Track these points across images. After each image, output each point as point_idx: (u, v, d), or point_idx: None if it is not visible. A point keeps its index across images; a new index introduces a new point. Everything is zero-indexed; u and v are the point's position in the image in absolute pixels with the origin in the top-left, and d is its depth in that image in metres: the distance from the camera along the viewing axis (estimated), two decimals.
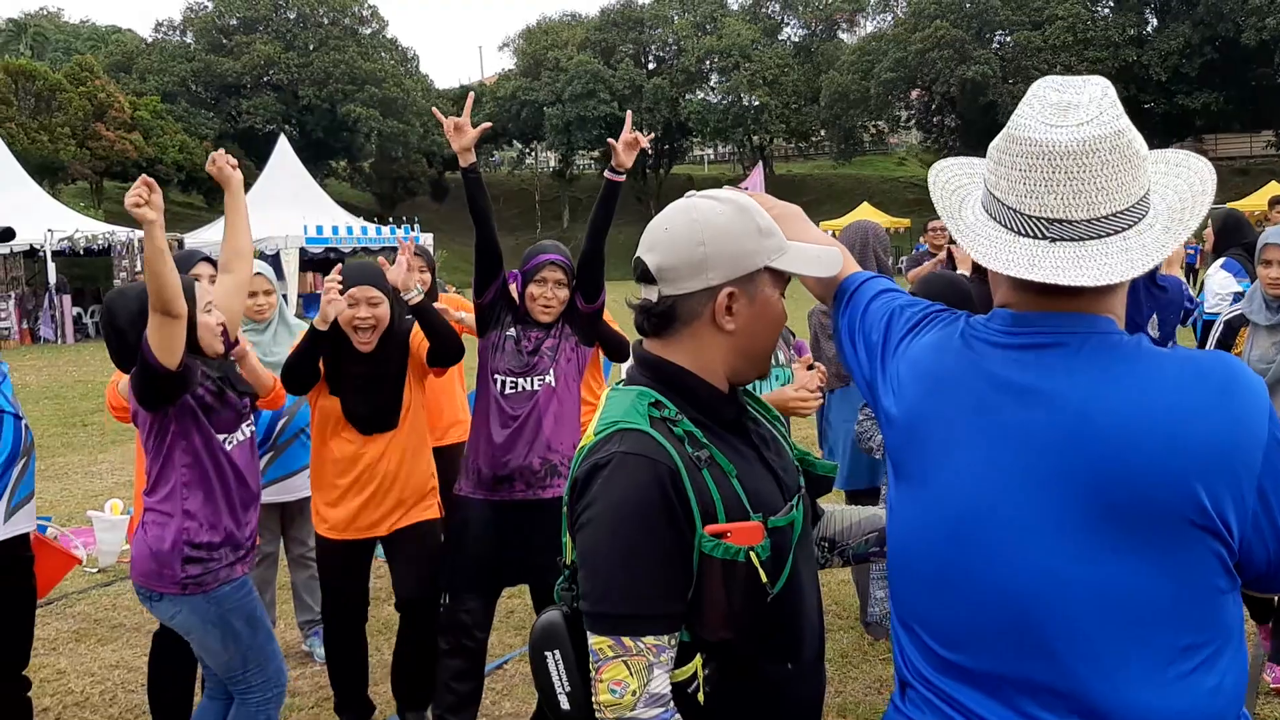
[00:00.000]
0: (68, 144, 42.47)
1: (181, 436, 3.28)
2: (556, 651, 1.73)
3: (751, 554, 1.63)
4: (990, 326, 1.58)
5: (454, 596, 3.92)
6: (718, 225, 1.72)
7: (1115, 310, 1.53)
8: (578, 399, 4.03)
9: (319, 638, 4.89)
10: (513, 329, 3.96)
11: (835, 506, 2.11)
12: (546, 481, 3.88)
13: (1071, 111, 1.47)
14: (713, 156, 70.77)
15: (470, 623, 3.88)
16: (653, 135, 4.46)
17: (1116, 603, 1.40)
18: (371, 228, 30.76)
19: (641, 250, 1.78)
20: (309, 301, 30.58)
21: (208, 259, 4.24)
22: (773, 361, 3.31)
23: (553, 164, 62.41)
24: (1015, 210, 1.50)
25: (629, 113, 4.45)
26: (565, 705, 1.72)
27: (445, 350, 3.94)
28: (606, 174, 3.85)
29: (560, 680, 1.72)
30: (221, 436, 3.34)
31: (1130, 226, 1.47)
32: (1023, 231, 1.49)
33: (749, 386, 1.94)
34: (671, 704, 1.64)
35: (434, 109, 4.84)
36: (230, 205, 3.70)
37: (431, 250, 21.71)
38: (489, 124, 4.31)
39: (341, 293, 3.82)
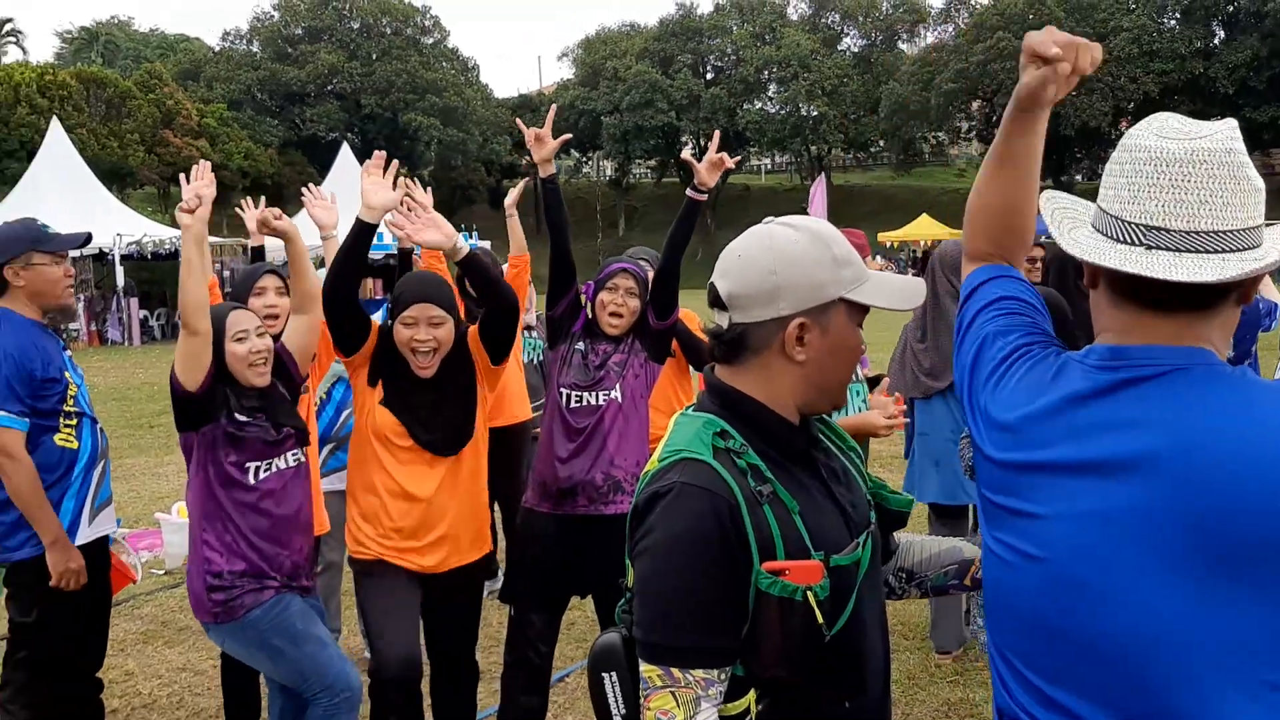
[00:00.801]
0: (136, 150, 43.44)
1: (203, 465, 3.29)
2: (614, 674, 1.73)
3: (809, 593, 1.61)
4: (1087, 363, 1.55)
5: (519, 610, 3.92)
6: (791, 254, 1.70)
7: (1215, 343, 1.50)
8: (645, 416, 3.98)
9: None
10: (581, 342, 3.94)
11: (913, 536, 2.08)
12: (609, 497, 3.83)
13: (1188, 129, 1.47)
14: (770, 166, 70.62)
15: (535, 636, 3.88)
16: (728, 156, 4.28)
17: (1226, 642, 1.37)
18: None
19: (715, 276, 1.77)
20: (368, 306, 30.93)
21: (274, 271, 4.11)
22: None
23: (609, 173, 62.66)
24: (1117, 217, 1.49)
25: (717, 132, 4.45)
26: None
27: (500, 303, 3.56)
28: (689, 192, 3.82)
29: (616, 703, 1.73)
30: (254, 464, 3.32)
31: (1231, 251, 1.44)
32: (1121, 238, 1.49)
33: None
34: None
35: (517, 120, 4.84)
36: (291, 252, 3.69)
37: None
38: (569, 135, 4.30)
39: (396, 302, 3.53)
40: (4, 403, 3.47)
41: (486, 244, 29.87)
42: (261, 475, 3.33)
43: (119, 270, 25.30)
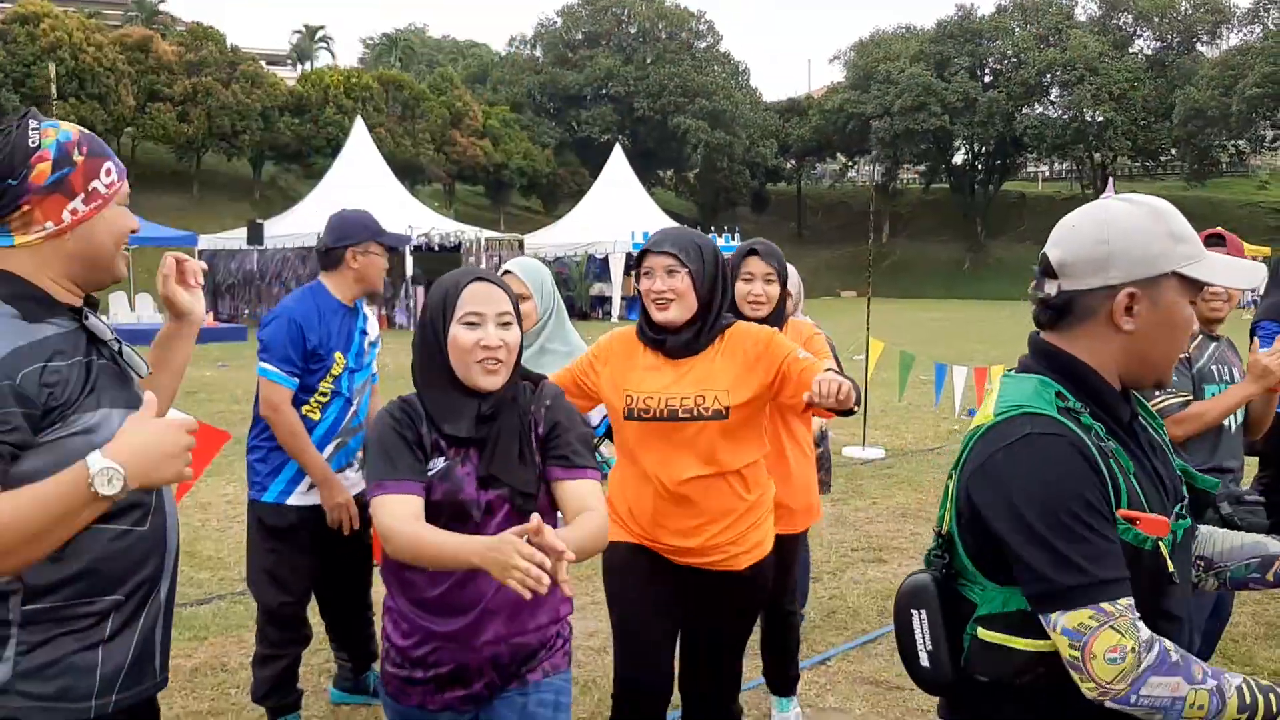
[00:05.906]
0: (427, 148, 46.49)
1: None
2: (923, 611, 1.78)
3: (1160, 544, 1.64)
4: None
5: None
6: (1125, 225, 1.72)
7: None
8: None
9: None
10: None
11: (1213, 529, 2.02)
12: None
13: None
14: (1047, 174, 67.56)
15: None
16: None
17: None
18: None
19: (1048, 246, 1.80)
20: (631, 303, 31.96)
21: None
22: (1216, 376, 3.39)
23: (876, 177, 61.71)
24: None
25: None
26: (925, 663, 1.78)
27: None
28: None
29: (923, 639, 1.78)
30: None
31: None
32: None
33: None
34: (1158, 639, 1.62)
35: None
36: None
37: None
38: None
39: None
40: (279, 361, 3.80)
41: None
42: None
43: (409, 260, 27.14)
